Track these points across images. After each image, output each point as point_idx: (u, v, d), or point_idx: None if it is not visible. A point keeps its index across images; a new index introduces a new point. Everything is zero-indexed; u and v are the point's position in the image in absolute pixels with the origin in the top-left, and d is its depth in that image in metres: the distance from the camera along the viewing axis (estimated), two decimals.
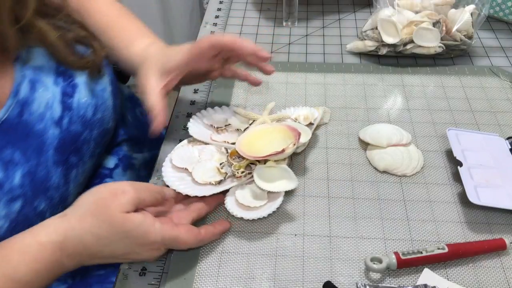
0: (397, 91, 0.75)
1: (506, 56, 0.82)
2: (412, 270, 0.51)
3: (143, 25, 0.68)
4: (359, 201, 0.58)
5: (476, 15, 0.79)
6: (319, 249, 0.53)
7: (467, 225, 0.55)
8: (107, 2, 0.68)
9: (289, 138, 0.58)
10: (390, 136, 0.64)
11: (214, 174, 0.58)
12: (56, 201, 0.53)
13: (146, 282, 0.51)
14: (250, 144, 0.59)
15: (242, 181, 0.57)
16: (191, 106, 0.73)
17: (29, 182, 0.49)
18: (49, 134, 0.51)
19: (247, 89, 0.76)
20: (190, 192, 0.54)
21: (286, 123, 0.62)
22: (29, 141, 0.49)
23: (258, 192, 0.56)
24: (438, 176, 0.61)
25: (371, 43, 0.80)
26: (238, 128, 0.64)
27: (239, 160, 0.58)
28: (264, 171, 0.57)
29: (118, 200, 0.45)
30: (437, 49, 0.78)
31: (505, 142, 0.64)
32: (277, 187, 0.55)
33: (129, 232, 0.45)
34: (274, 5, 0.98)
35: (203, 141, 0.63)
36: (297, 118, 0.65)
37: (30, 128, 0.49)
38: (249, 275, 0.51)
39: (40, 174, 0.50)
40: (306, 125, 0.64)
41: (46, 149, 0.51)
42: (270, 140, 0.59)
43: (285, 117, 0.65)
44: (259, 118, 0.65)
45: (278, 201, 0.54)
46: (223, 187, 0.56)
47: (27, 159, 0.49)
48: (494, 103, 0.72)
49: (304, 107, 0.68)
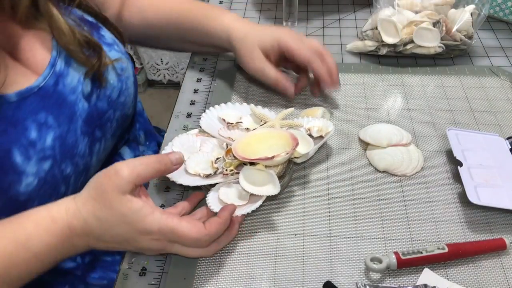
0: (397, 91, 0.75)
1: (506, 56, 0.82)
2: (412, 270, 0.51)
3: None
4: (359, 201, 0.58)
5: (476, 15, 0.79)
6: (319, 249, 0.53)
7: (467, 225, 0.55)
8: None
9: (289, 146, 0.57)
10: (390, 136, 0.64)
11: (207, 167, 0.58)
12: (81, 169, 0.56)
13: (146, 282, 0.51)
14: (249, 145, 0.59)
15: (228, 179, 0.57)
16: (191, 106, 0.73)
17: (59, 145, 0.52)
18: (79, 106, 0.55)
19: (247, 89, 0.76)
20: (176, 179, 0.55)
21: (291, 131, 0.60)
22: (62, 109, 0.53)
23: (243, 193, 0.56)
24: (438, 176, 0.61)
25: (371, 43, 0.80)
26: (248, 127, 0.64)
27: (233, 159, 0.58)
28: (251, 173, 0.57)
29: (112, 182, 0.45)
30: (437, 49, 0.78)
31: (505, 142, 0.64)
32: (259, 190, 0.55)
33: (126, 217, 0.45)
34: (274, 5, 0.98)
35: (210, 134, 0.63)
36: (310, 128, 0.63)
37: (63, 98, 0.53)
38: (249, 275, 0.51)
39: (69, 140, 0.53)
40: (316, 137, 0.62)
41: (76, 119, 0.54)
42: (270, 145, 0.59)
43: (298, 125, 0.64)
44: (269, 121, 0.64)
45: (257, 204, 0.54)
46: (210, 181, 0.57)
47: (59, 125, 0.52)
48: (494, 103, 0.72)
49: (320, 119, 0.65)
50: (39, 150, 0.50)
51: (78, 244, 0.47)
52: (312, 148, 0.60)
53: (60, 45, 0.54)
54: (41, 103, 0.51)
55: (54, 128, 0.52)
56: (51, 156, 0.51)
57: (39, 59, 0.52)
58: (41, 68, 0.52)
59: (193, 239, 0.48)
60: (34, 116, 0.50)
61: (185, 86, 0.77)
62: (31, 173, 0.49)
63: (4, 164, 0.47)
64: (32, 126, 0.49)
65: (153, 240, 0.48)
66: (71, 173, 0.54)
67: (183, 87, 0.77)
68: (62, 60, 0.54)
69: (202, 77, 0.79)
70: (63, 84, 0.53)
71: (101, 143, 0.60)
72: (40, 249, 0.45)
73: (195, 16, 0.72)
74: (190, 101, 0.74)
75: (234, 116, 0.65)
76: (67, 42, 0.53)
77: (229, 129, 0.64)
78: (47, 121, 0.51)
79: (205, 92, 0.76)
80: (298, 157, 0.60)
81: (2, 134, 0.47)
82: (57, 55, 0.53)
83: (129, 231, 0.46)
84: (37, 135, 0.50)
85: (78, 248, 0.48)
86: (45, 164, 0.50)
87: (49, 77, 0.52)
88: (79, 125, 0.55)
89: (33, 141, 0.49)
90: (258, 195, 0.54)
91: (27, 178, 0.49)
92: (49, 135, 0.51)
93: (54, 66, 0.53)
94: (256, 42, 0.68)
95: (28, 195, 0.49)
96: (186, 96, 0.75)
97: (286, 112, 0.65)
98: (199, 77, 0.79)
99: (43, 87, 0.51)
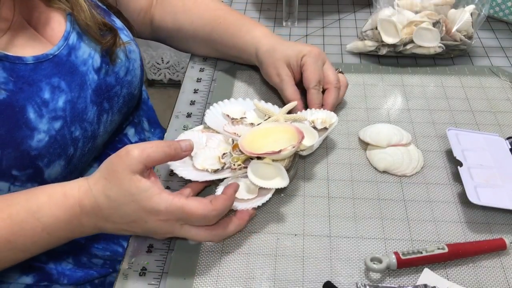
0: (397, 91, 0.75)
1: (506, 56, 0.82)
2: (412, 270, 0.51)
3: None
4: (359, 201, 0.58)
5: (476, 15, 0.79)
6: (319, 249, 0.53)
7: (467, 225, 0.55)
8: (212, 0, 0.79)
9: (294, 139, 0.58)
10: (390, 136, 0.64)
11: (214, 162, 0.59)
12: (89, 135, 0.60)
13: (146, 282, 0.51)
14: (254, 140, 0.59)
15: (236, 174, 0.57)
16: (191, 106, 0.73)
17: (70, 108, 0.56)
18: (90, 77, 0.60)
19: (247, 89, 0.76)
20: (185, 175, 0.56)
21: (295, 125, 0.61)
22: (74, 77, 0.58)
23: (251, 186, 0.56)
24: (438, 176, 0.61)
25: (371, 43, 0.80)
26: (252, 122, 0.64)
27: (240, 153, 0.58)
28: (259, 167, 0.57)
29: (123, 162, 0.47)
30: (437, 49, 0.78)
31: (505, 142, 0.64)
32: (268, 183, 0.55)
33: (134, 195, 0.46)
34: (274, 5, 0.98)
35: (216, 130, 0.63)
36: (314, 121, 0.64)
37: (75, 67, 0.58)
38: (249, 275, 0.51)
39: (79, 105, 0.58)
40: (321, 129, 0.63)
41: (86, 88, 0.59)
42: (275, 139, 0.59)
43: (301, 118, 0.64)
44: (274, 116, 0.65)
45: (267, 197, 0.54)
46: (218, 176, 0.57)
47: (70, 90, 0.57)
48: (494, 103, 0.72)
49: (323, 110, 0.66)
50: (51, 110, 0.54)
51: (86, 224, 0.49)
52: (317, 140, 0.60)
53: (78, 21, 0.59)
54: (55, 69, 0.56)
55: (66, 92, 0.56)
56: (62, 117, 0.55)
57: (55, 31, 0.58)
58: (55, 40, 0.58)
59: (201, 215, 0.48)
60: (48, 79, 0.55)
61: (185, 86, 0.77)
62: (43, 130, 0.53)
63: (19, 119, 0.51)
64: (46, 88, 0.54)
65: (161, 221, 0.48)
66: (80, 137, 0.58)
67: (183, 87, 0.77)
68: (75, 35, 0.59)
69: (202, 77, 0.79)
70: (75, 56, 0.58)
71: (108, 115, 0.63)
72: (49, 221, 0.47)
73: (228, 27, 0.74)
74: (190, 101, 0.74)
75: (238, 112, 0.66)
76: (85, 18, 0.58)
77: (234, 124, 0.64)
78: (60, 85, 0.56)
79: (205, 92, 0.76)
80: (304, 149, 0.60)
81: (19, 91, 0.52)
82: (70, 30, 0.59)
83: (136, 210, 0.47)
84: (50, 96, 0.54)
85: (86, 228, 0.49)
86: (56, 123, 0.54)
87: (63, 48, 0.57)
88: (88, 94, 0.59)
89: (46, 101, 0.54)
90: (267, 188, 0.55)
91: (39, 134, 0.53)
92: (61, 98, 0.56)
93: (68, 39, 0.58)
94: (282, 57, 0.68)
95: (39, 151, 0.53)
96: (186, 96, 0.75)
97: (289, 106, 0.66)
98: (199, 77, 0.79)
99: (57, 55, 0.56)
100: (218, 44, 0.76)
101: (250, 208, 0.54)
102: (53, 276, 0.62)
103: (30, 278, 0.61)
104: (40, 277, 0.61)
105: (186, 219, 0.49)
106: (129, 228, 0.49)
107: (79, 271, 0.64)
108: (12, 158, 0.51)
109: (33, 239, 0.48)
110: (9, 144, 0.51)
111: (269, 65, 0.69)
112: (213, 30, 0.75)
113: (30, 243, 0.48)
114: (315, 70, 0.66)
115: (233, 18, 0.75)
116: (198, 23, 0.76)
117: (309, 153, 0.63)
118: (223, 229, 0.52)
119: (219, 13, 0.76)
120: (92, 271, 0.65)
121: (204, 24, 0.76)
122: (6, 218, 0.47)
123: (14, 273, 0.60)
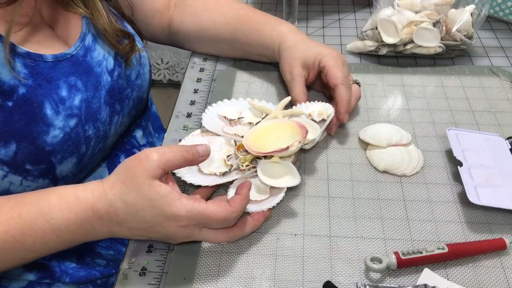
0: (397, 91, 0.75)
1: (506, 56, 0.82)
2: (412, 270, 0.51)
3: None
4: (359, 201, 0.58)
5: (476, 15, 0.79)
6: (319, 249, 0.53)
7: (467, 225, 0.55)
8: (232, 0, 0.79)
9: (297, 135, 0.57)
10: (390, 136, 0.64)
11: (220, 165, 0.58)
12: (101, 135, 0.61)
13: (146, 282, 0.51)
14: (258, 139, 0.59)
15: (245, 175, 0.57)
16: (191, 106, 0.73)
17: (85, 107, 0.58)
18: (104, 78, 0.61)
19: (247, 89, 0.76)
20: (194, 181, 0.55)
21: (295, 120, 0.61)
22: (89, 77, 0.59)
23: (261, 186, 0.56)
24: (438, 176, 0.61)
25: (371, 43, 0.80)
26: (250, 121, 0.64)
27: (246, 154, 0.58)
28: (268, 166, 0.57)
29: (142, 166, 0.46)
30: (437, 49, 0.78)
31: (505, 142, 0.64)
32: (280, 182, 0.55)
33: (154, 201, 0.46)
34: (274, 5, 0.98)
35: (215, 133, 0.63)
36: (311, 114, 0.64)
37: (91, 68, 0.60)
38: (249, 275, 0.51)
39: (94, 105, 0.59)
40: (319, 121, 0.63)
41: (101, 89, 0.61)
42: (278, 136, 0.59)
43: (299, 113, 0.64)
44: (271, 113, 0.64)
45: (279, 196, 0.54)
46: (227, 179, 0.56)
47: (86, 89, 0.58)
48: (494, 103, 0.72)
49: (318, 102, 0.66)
50: (67, 107, 0.55)
51: (99, 228, 0.48)
52: (319, 132, 0.60)
53: (96, 26, 0.61)
54: (72, 68, 0.57)
55: (82, 92, 0.58)
56: (77, 115, 0.56)
57: (72, 33, 0.60)
58: (71, 40, 0.60)
59: (222, 218, 0.48)
60: (66, 78, 0.56)
61: (185, 86, 0.77)
62: (58, 127, 0.54)
63: (36, 114, 0.52)
64: (63, 86, 0.56)
65: (180, 227, 0.48)
66: (92, 136, 0.59)
67: (183, 87, 0.77)
68: (90, 37, 0.61)
69: (202, 77, 0.79)
70: (91, 57, 0.60)
71: (119, 116, 0.64)
72: (59, 223, 0.47)
73: (253, 24, 0.74)
74: (190, 101, 0.74)
75: (234, 112, 0.66)
76: (104, 23, 0.60)
77: (232, 125, 0.64)
78: (76, 84, 0.57)
79: (205, 92, 0.76)
80: (307, 143, 0.60)
81: (38, 87, 0.53)
82: (86, 32, 0.61)
83: (156, 216, 0.47)
84: (67, 94, 0.56)
85: (98, 232, 0.49)
86: (71, 121, 0.56)
87: (79, 49, 0.59)
88: (102, 94, 0.61)
89: (63, 98, 0.55)
90: (278, 187, 0.55)
91: (54, 130, 0.54)
92: (77, 97, 0.57)
93: (84, 40, 0.60)
94: (300, 56, 0.68)
95: (53, 147, 0.54)
96: (186, 96, 0.75)
97: (283, 102, 0.66)
98: (199, 77, 0.79)
99: (74, 55, 0.58)
100: (242, 42, 0.75)
101: (265, 209, 0.54)
102: (55, 274, 0.62)
103: (33, 275, 0.61)
104: (43, 274, 0.61)
105: (206, 223, 0.49)
106: (145, 233, 0.49)
107: (81, 270, 0.64)
108: (27, 152, 0.52)
109: (42, 240, 0.47)
110: (25, 138, 0.51)
111: (286, 62, 0.69)
112: (237, 29, 0.74)
113: (39, 244, 0.48)
114: (337, 67, 0.65)
115: (257, 16, 0.75)
116: (221, 22, 0.75)
117: (311, 147, 0.62)
118: (240, 230, 0.52)
119: (242, 12, 0.76)
120: (95, 271, 0.65)
121: (228, 23, 0.75)
122: (16, 217, 0.46)
123: (17, 269, 0.60)
